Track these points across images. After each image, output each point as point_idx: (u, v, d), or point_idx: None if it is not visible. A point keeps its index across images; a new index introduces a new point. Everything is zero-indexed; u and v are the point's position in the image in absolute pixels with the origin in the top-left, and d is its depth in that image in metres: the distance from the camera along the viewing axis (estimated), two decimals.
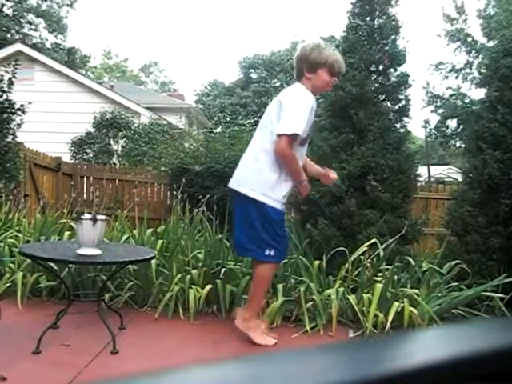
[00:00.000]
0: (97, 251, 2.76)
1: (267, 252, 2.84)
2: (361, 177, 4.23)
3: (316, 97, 2.97)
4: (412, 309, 3.15)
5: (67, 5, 24.80)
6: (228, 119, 17.20)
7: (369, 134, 4.31)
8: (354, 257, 3.60)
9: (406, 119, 4.64)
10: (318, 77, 2.87)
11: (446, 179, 14.82)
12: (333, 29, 21.47)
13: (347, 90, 4.34)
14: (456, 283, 3.56)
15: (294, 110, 2.75)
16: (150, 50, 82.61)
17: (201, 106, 26.18)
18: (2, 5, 21.25)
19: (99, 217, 2.73)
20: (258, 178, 2.82)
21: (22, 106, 5.61)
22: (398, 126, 4.59)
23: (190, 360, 2.59)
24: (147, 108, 12.42)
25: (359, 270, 3.56)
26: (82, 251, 2.72)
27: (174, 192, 4.73)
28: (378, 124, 4.32)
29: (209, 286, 3.41)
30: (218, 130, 14.34)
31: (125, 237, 4.06)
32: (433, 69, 23.03)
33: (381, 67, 4.61)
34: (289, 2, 73.81)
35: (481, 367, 0.40)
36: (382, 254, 3.64)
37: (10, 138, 5.46)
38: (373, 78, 4.59)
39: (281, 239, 2.89)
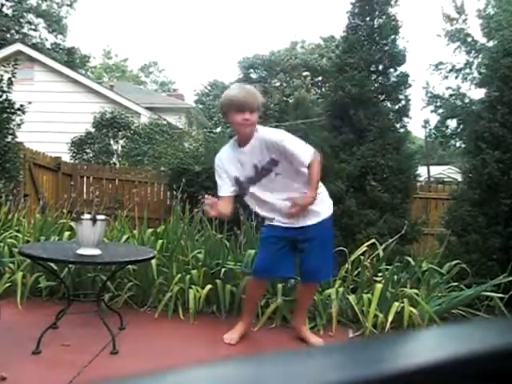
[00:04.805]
0: (97, 251, 2.76)
1: None
2: (361, 177, 4.24)
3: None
4: (412, 309, 3.15)
5: (67, 5, 24.76)
6: None
7: (368, 134, 4.31)
8: (353, 257, 3.60)
9: (405, 119, 4.65)
10: (231, 122, 2.79)
11: (445, 179, 14.79)
12: (333, 29, 21.50)
13: (347, 89, 4.34)
14: (456, 283, 3.56)
15: None
16: (149, 50, 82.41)
17: (201, 106, 26.14)
18: (2, 5, 21.22)
19: (99, 217, 2.73)
20: None
21: (21, 105, 5.61)
22: (397, 125, 4.60)
23: (190, 360, 2.59)
24: (147, 108, 12.40)
25: (359, 269, 3.56)
26: (82, 251, 2.72)
27: (174, 192, 4.72)
28: (377, 124, 4.32)
29: (209, 286, 3.41)
30: (218, 130, 14.35)
31: (125, 237, 4.05)
32: (433, 69, 23.01)
33: (381, 67, 4.62)
34: (289, 2, 73.81)
35: (481, 367, 0.40)
36: (381, 254, 3.64)
37: (9, 138, 5.46)
38: (373, 78, 4.60)
39: (259, 254, 3.06)
